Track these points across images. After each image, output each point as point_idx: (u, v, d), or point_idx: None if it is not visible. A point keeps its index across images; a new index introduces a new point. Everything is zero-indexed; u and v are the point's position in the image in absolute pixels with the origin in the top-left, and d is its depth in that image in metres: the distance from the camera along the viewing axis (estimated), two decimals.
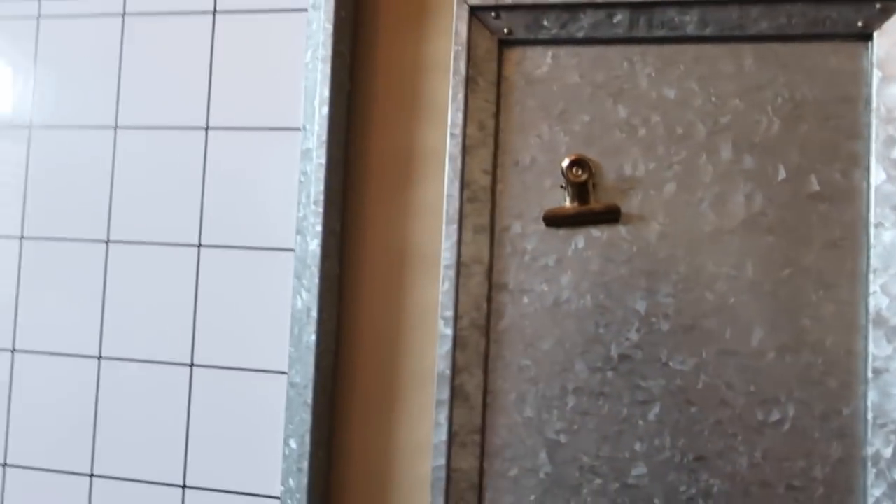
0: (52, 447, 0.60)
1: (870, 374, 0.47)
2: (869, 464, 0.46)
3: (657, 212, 0.51)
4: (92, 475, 0.59)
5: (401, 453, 0.55)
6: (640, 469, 0.50)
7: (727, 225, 0.50)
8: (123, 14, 0.61)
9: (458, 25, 0.53)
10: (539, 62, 0.53)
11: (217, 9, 0.59)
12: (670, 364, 0.50)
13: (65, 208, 0.61)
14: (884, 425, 0.46)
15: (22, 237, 0.62)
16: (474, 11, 0.53)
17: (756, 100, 0.49)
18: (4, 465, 0.61)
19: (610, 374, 0.51)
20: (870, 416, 0.47)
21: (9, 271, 0.62)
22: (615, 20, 0.51)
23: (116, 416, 0.59)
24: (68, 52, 0.62)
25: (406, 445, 0.55)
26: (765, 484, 0.48)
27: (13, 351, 0.62)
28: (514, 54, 0.54)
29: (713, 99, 0.50)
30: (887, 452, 0.46)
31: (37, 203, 0.61)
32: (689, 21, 0.49)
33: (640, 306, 0.51)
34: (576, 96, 0.52)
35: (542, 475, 0.52)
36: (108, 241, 0.60)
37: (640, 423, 0.51)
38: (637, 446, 0.50)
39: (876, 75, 0.47)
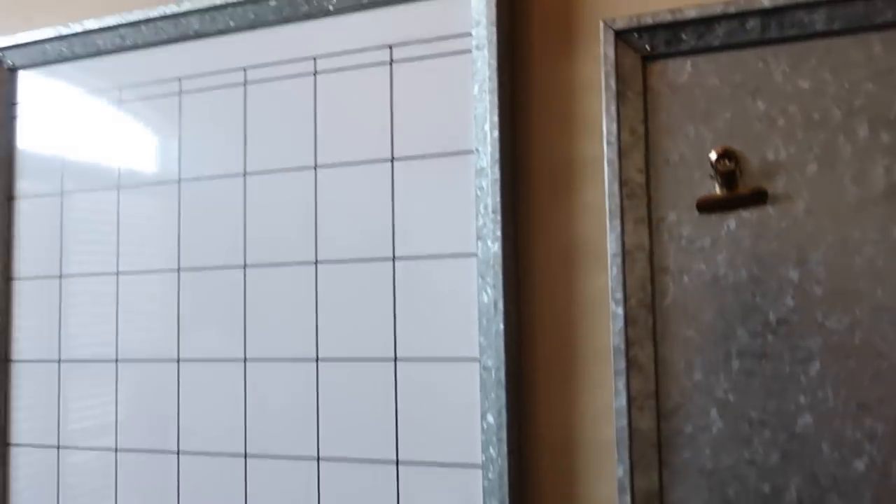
0: (284, 436, 0.72)
1: None
2: None
3: (801, 190, 0.58)
4: (318, 458, 0.71)
5: (584, 420, 0.63)
6: (805, 419, 0.57)
7: (869, 195, 0.56)
8: (315, 73, 0.73)
9: (605, 48, 0.62)
10: (680, 71, 0.61)
11: (393, 59, 0.70)
12: (826, 324, 0.57)
13: (279, 236, 0.73)
14: None
15: (244, 266, 0.75)
16: (619, 35, 0.62)
17: (887, 82, 0.56)
18: (245, 455, 0.74)
19: (770, 337, 0.58)
20: None
21: (234, 294, 0.75)
22: (748, 27, 0.58)
23: (335, 407, 0.70)
24: (213, 116, 0.75)
25: (588, 412, 0.63)
26: None
27: (244, 360, 0.74)
28: (656, 67, 0.62)
29: (846, 85, 0.56)
30: None
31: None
32: (818, 19, 0.56)
33: (793, 275, 0.57)
34: (716, 97, 0.60)
35: (714, 431, 0.59)
36: (316, 262, 0.72)
37: (802, 378, 0.57)
38: (801, 399, 0.57)
39: None
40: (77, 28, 0.82)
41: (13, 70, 0.88)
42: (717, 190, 0.60)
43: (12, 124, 0.88)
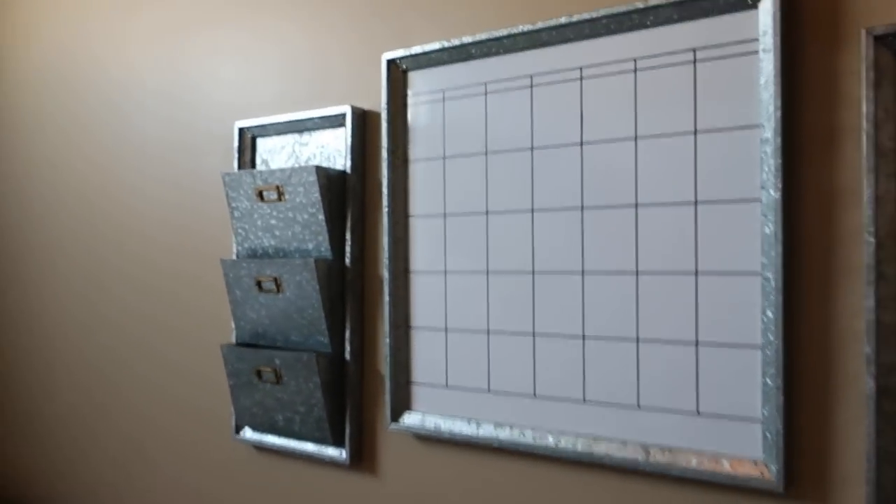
0: (619, 324, 1.05)
1: None
2: None
3: None
4: (637, 340, 1.03)
5: (841, 316, 0.89)
6: None
7: None
8: (635, 70, 1.03)
9: (866, 49, 0.86)
10: None
11: (696, 59, 0.98)
12: None
13: (615, 187, 1.05)
14: None
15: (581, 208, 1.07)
16: (877, 38, 0.85)
17: None
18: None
19: None
20: None
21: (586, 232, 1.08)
22: None
23: (653, 308, 1.02)
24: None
25: (845, 311, 0.89)
26: None
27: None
28: None
29: None
30: None
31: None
32: None
33: None
34: None
35: None
36: (636, 206, 1.03)
37: None
38: None
39: None
40: (456, 42, 1.18)
41: (405, 71, 1.27)
42: None
43: (405, 110, 1.27)
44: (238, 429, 1.50)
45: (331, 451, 1.35)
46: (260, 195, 1.37)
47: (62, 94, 1.88)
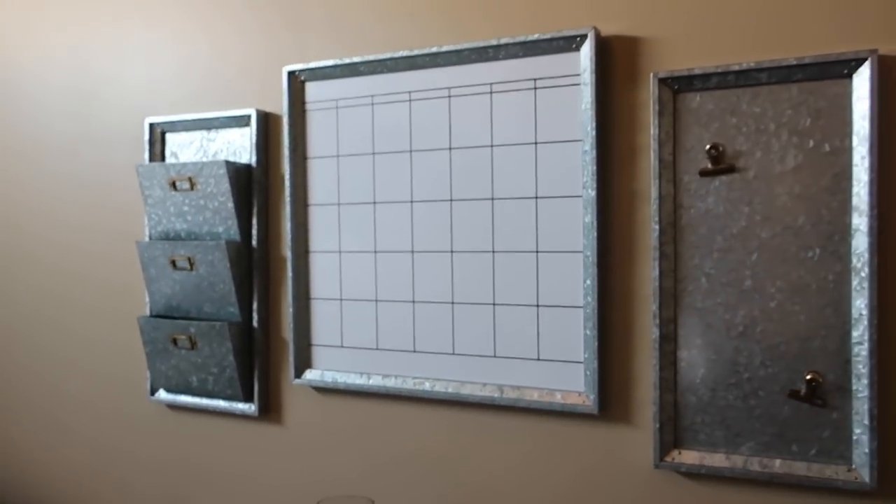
0: (473, 292, 1.34)
1: None
2: None
3: (751, 167, 1.13)
4: (494, 304, 1.32)
5: (639, 284, 1.22)
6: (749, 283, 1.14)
7: (786, 169, 1.10)
8: (491, 93, 1.31)
9: (653, 87, 1.17)
10: (692, 100, 1.16)
11: (536, 87, 1.27)
12: (759, 234, 1.12)
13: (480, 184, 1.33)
14: None
15: (450, 200, 1.35)
16: (661, 80, 1.16)
17: (799, 110, 1.09)
18: (452, 301, 1.36)
19: (732, 240, 1.14)
20: None
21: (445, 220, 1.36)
22: (728, 78, 1.12)
23: (507, 277, 1.31)
24: None
25: (639, 280, 1.21)
26: None
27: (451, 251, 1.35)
28: (680, 97, 1.16)
29: (774, 112, 1.10)
30: None
31: None
32: (762, 76, 1.10)
33: (744, 209, 1.13)
34: (710, 114, 1.15)
35: (704, 286, 1.17)
36: (492, 199, 1.31)
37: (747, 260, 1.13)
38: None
39: None
40: (347, 60, 1.42)
41: (303, 82, 1.49)
42: (709, 164, 1.15)
43: (304, 115, 1.49)
44: (153, 391, 1.70)
45: (241, 406, 1.58)
46: (173, 185, 1.56)
47: None
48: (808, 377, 1.09)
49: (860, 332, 1.06)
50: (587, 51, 1.21)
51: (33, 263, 1.87)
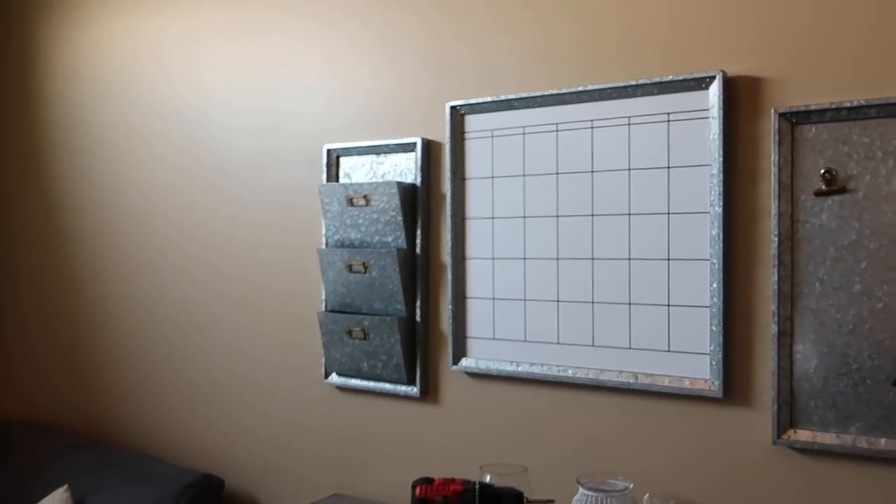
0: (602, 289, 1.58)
1: None
2: None
3: (861, 188, 1.33)
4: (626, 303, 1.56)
5: (759, 289, 1.43)
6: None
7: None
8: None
9: (773, 120, 1.38)
10: (809, 131, 1.37)
11: (670, 119, 1.50)
12: (870, 245, 1.32)
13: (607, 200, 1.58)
14: None
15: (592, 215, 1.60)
16: (781, 114, 1.38)
17: None
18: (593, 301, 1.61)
19: (856, 249, 1.34)
20: None
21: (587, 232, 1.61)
22: (840, 113, 1.33)
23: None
24: None
25: (760, 285, 1.43)
26: None
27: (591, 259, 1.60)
28: (797, 128, 1.37)
29: (882, 142, 1.30)
30: None
31: None
32: (858, 112, 1.30)
33: (855, 224, 1.33)
34: (824, 143, 1.35)
35: (817, 288, 1.37)
36: (629, 214, 1.55)
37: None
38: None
39: None
40: (502, 97, 1.69)
41: (463, 115, 1.77)
42: (823, 185, 1.36)
43: (463, 142, 1.77)
44: (327, 375, 2.01)
45: (405, 388, 1.87)
46: (350, 201, 1.87)
47: (170, 117, 2.35)
48: None
49: None
50: (715, 89, 1.44)
51: (224, 276, 2.23)
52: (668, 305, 1.51)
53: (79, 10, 2.53)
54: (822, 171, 1.35)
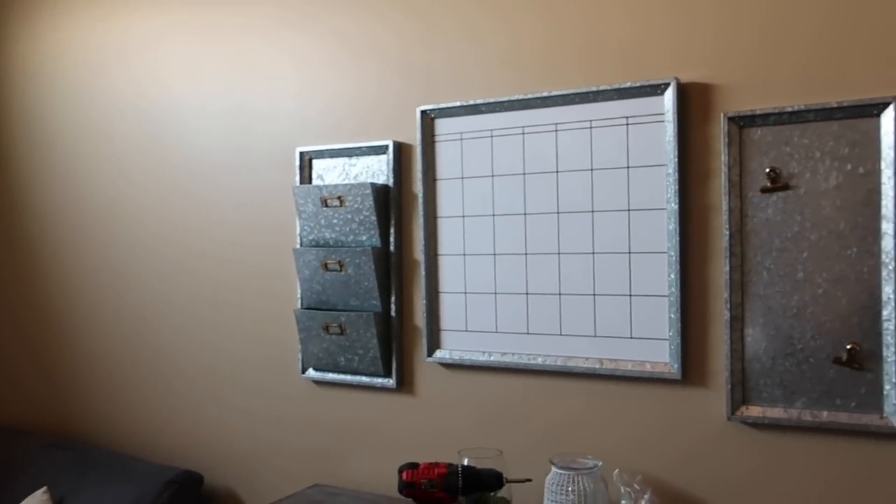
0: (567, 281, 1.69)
1: None
2: None
3: (802, 185, 1.46)
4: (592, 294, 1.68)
5: (712, 280, 1.56)
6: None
7: (823, 189, 1.44)
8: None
9: (723, 123, 1.51)
10: (755, 133, 1.50)
11: (628, 122, 1.62)
12: (809, 236, 1.46)
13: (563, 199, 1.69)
14: None
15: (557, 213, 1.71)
16: (729, 118, 1.50)
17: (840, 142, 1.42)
18: (560, 294, 1.72)
19: (786, 241, 1.48)
20: None
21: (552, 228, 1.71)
22: (783, 116, 1.46)
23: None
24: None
25: (713, 276, 1.56)
26: None
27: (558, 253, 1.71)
28: (745, 131, 1.50)
29: (818, 142, 1.44)
30: None
31: None
32: (809, 115, 1.43)
33: (797, 218, 1.47)
34: (768, 144, 1.48)
35: (764, 275, 1.50)
36: (592, 212, 1.67)
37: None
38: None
39: None
40: (470, 102, 1.78)
41: (433, 118, 1.86)
42: (769, 183, 1.49)
43: (433, 145, 1.86)
44: (304, 370, 2.08)
45: (381, 380, 1.96)
46: (324, 202, 1.95)
47: (133, 117, 2.38)
48: (849, 347, 1.42)
49: (889, 311, 1.39)
50: (670, 95, 1.56)
51: (194, 276, 2.27)
52: (630, 295, 1.63)
53: (41, 6, 2.54)
54: (768, 169, 1.48)
